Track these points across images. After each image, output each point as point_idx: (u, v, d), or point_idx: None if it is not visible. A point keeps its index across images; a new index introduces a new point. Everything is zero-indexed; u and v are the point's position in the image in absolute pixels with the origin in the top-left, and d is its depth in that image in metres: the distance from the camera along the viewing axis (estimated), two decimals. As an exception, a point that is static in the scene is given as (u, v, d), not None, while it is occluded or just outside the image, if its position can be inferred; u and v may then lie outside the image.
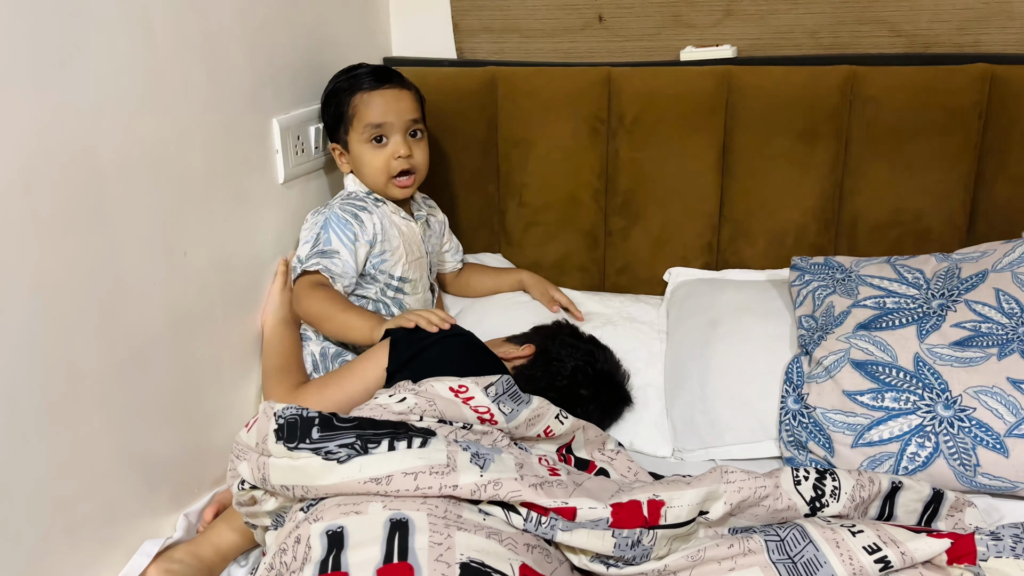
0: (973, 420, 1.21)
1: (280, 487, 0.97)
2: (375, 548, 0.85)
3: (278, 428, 0.98)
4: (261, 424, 1.00)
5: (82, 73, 1.00)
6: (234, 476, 1.04)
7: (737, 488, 1.02)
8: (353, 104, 1.45)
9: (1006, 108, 1.50)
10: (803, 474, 1.08)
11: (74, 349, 1.01)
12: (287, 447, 0.96)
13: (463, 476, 0.93)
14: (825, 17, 1.61)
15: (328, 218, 1.41)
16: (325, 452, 0.95)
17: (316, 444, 0.96)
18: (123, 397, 1.10)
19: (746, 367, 1.43)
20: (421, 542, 0.86)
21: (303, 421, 0.98)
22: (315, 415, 0.99)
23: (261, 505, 1.03)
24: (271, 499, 1.02)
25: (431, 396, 1.11)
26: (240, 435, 1.04)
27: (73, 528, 1.03)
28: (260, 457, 1.00)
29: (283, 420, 0.98)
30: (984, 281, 1.34)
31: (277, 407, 1.00)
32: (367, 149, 1.45)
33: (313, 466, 0.95)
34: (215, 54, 1.25)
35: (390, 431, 0.98)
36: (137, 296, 1.11)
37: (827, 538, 0.96)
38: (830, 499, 1.06)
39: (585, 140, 1.70)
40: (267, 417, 1.00)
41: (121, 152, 1.07)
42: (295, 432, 0.97)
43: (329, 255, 1.39)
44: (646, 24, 1.69)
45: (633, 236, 1.74)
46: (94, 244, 1.04)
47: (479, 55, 1.79)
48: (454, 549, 0.85)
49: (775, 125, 1.60)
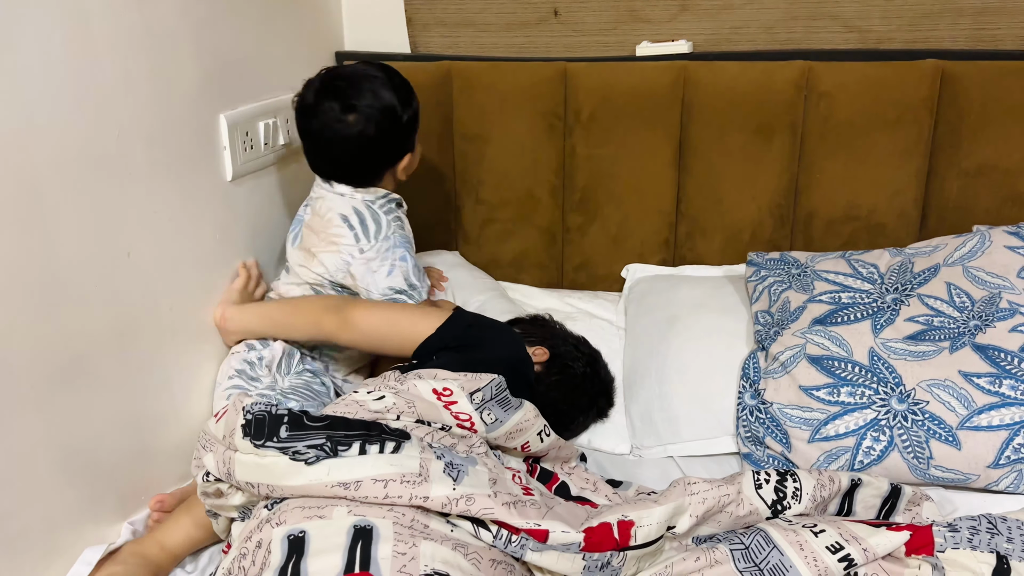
0: (926, 413, 1.22)
1: (245, 484, 0.94)
2: (336, 556, 0.83)
3: (245, 424, 0.94)
4: (230, 417, 0.97)
5: (13, 66, 0.96)
6: (199, 467, 1.01)
7: (701, 499, 1.02)
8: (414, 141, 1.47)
9: (956, 103, 1.52)
10: (764, 477, 1.08)
11: (9, 353, 0.97)
12: (254, 444, 0.93)
13: (435, 488, 0.90)
14: (779, 13, 1.62)
15: (397, 239, 1.42)
16: (293, 452, 0.92)
17: (284, 443, 0.93)
18: (64, 402, 1.06)
19: (704, 364, 1.43)
20: (384, 551, 0.83)
21: (272, 418, 0.95)
22: (284, 413, 0.96)
23: (227, 499, 1.00)
24: (238, 493, 0.99)
25: (411, 397, 1.08)
26: (208, 425, 1.01)
27: (12, 539, 0.99)
28: (227, 451, 0.96)
29: (251, 416, 0.95)
30: (936, 275, 1.35)
31: (247, 402, 0.97)
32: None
33: (280, 466, 0.92)
34: (157, 48, 1.21)
35: (362, 433, 0.95)
36: (77, 297, 1.07)
37: (791, 541, 0.96)
38: (792, 501, 1.06)
39: (542, 136, 1.69)
40: (235, 411, 0.96)
41: (58, 148, 1.03)
42: (263, 429, 0.94)
43: (420, 290, 1.41)
44: (602, 19, 1.68)
45: (591, 233, 1.73)
46: (29, 244, 0.99)
47: (433, 49, 1.77)
48: (418, 560, 0.83)
49: (731, 121, 1.61)
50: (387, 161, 1.43)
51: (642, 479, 1.31)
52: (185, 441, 1.30)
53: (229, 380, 1.33)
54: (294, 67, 1.56)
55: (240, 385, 1.32)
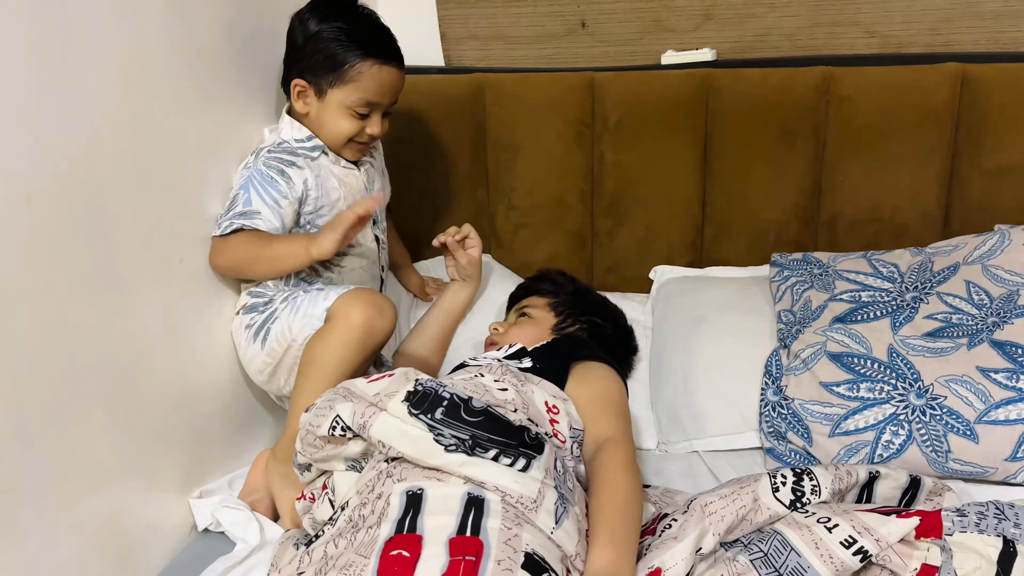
0: (944, 408, 1.25)
1: (377, 441, 1.01)
2: (450, 518, 0.92)
3: (413, 391, 1.03)
4: (394, 382, 1.06)
5: (79, 91, 1.05)
6: (323, 416, 1.07)
7: (720, 517, 1.03)
8: (357, 68, 1.34)
9: (977, 105, 1.54)
10: (780, 479, 1.08)
11: (77, 353, 1.06)
12: (410, 411, 1.01)
13: (540, 519, 0.96)
14: (801, 20, 1.66)
15: (250, 177, 1.33)
16: (437, 434, 1.00)
17: (434, 423, 1.00)
18: (126, 397, 1.15)
19: (728, 361, 1.47)
20: (494, 524, 0.92)
21: (435, 397, 1.03)
22: (447, 397, 1.03)
23: (346, 447, 1.07)
24: (359, 444, 1.06)
25: (528, 400, 1.14)
26: (356, 382, 1.10)
27: (81, 522, 1.08)
28: (370, 407, 1.03)
29: (420, 387, 1.04)
30: (956, 274, 1.38)
31: (421, 376, 1.06)
32: (345, 115, 1.36)
33: (421, 440, 0.99)
34: (206, 68, 1.30)
35: (503, 442, 1.01)
36: (136, 301, 1.16)
37: (806, 541, 0.98)
38: (811, 497, 1.07)
39: (571, 144, 1.75)
40: (405, 379, 1.06)
41: (118, 165, 1.12)
42: (423, 403, 1.02)
43: (250, 216, 1.30)
44: (628, 29, 1.74)
45: (619, 236, 1.79)
46: (94, 253, 1.09)
47: (466, 62, 1.84)
48: (521, 538, 0.91)
49: (755, 126, 1.65)
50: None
51: (668, 473, 1.37)
52: (234, 424, 1.39)
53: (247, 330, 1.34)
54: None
55: (255, 319, 1.34)
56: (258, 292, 1.36)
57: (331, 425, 1.06)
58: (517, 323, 1.48)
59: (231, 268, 1.34)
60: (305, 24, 1.37)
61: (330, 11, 1.36)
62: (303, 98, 1.38)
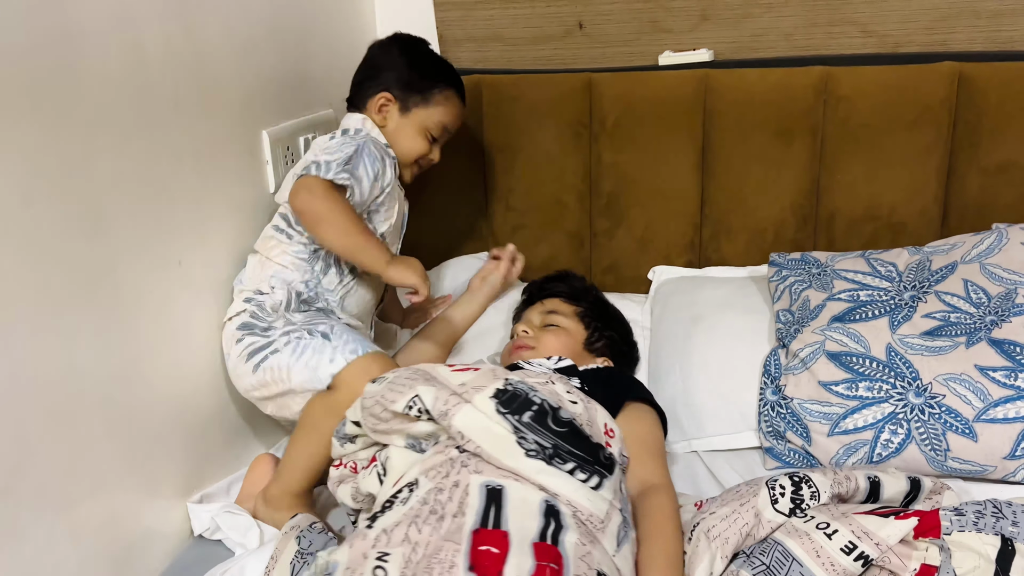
0: (943, 407, 1.25)
1: (457, 432, 1.01)
2: (532, 522, 0.92)
3: (502, 390, 1.03)
4: (481, 376, 1.07)
5: (77, 91, 1.05)
6: (399, 392, 1.07)
7: (724, 540, 1.04)
8: (444, 95, 1.48)
9: (974, 104, 1.54)
10: (779, 490, 1.07)
11: (75, 357, 1.06)
12: (498, 409, 1.01)
13: (605, 540, 0.97)
14: (798, 19, 1.66)
15: (364, 146, 1.37)
16: (520, 436, 1.00)
17: (520, 426, 1.00)
18: (124, 402, 1.15)
19: (727, 361, 1.47)
20: (571, 538, 0.91)
21: (524, 400, 1.03)
22: (538, 403, 1.03)
23: (413, 426, 1.07)
24: (429, 426, 1.06)
25: (591, 418, 1.13)
26: (438, 367, 1.12)
27: (80, 524, 1.08)
28: (454, 396, 1.03)
29: (511, 387, 1.04)
30: (953, 272, 1.39)
31: (511, 376, 1.07)
32: (421, 135, 1.47)
33: (503, 440, 0.99)
34: (204, 71, 1.30)
35: (581, 457, 1.01)
36: (134, 303, 1.16)
37: (807, 549, 0.98)
38: (811, 502, 1.07)
39: (568, 144, 1.75)
40: (493, 375, 1.07)
41: (116, 169, 1.12)
42: (512, 403, 1.02)
43: (357, 179, 1.34)
44: (625, 30, 1.74)
45: (618, 236, 1.79)
46: (92, 257, 1.09)
47: (464, 64, 1.84)
48: (593, 556, 0.91)
49: (752, 125, 1.65)
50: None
51: (668, 473, 1.37)
52: (232, 428, 1.39)
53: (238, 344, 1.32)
54: (331, 85, 1.64)
55: (253, 341, 1.31)
56: (258, 305, 1.33)
57: (408, 404, 1.06)
58: (549, 331, 1.46)
59: (314, 215, 1.30)
60: (388, 49, 1.50)
61: (412, 42, 1.52)
62: (384, 111, 1.46)
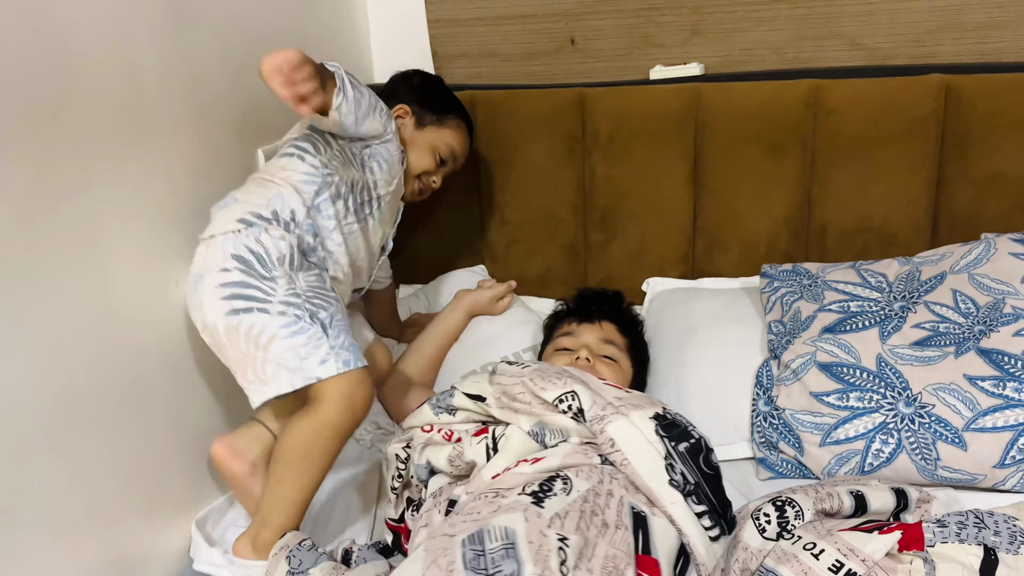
0: (933, 416, 1.27)
1: (608, 439, 1.07)
2: (671, 554, 0.97)
3: (662, 415, 1.08)
4: (636, 396, 1.14)
5: (75, 115, 1.07)
6: (552, 383, 1.13)
7: None
8: (457, 123, 1.57)
9: (962, 116, 1.56)
10: (764, 520, 1.09)
11: (76, 376, 1.08)
12: (658, 431, 1.06)
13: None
14: (788, 33, 1.68)
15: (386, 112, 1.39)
16: (670, 463, 1.04)
17: (672, 452, 1.05)
18: (124, 420, 1.16)
19: (720, 372, 1.49)
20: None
21: (683, 431, 1.08)
22: (696, 439, 1.07)
23: (551, 415, 1.11)
24: (571, 423, 1.11)
25: None
26: (591, 377, 1.19)
27: (79, 544, 1.09)
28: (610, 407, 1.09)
29: (670, 416, 1.09)
30: (943, 283, 1.40)
31: (668, 406, 1.11)
32: (430, 152, 1.53)
33: (653, 460, 1.04)
34: (200, 92, 1.32)
35: (713, 507, 1.04)
36: (132, 324, 1.18)
37: (796, 573, 0.99)
38: (796, 522, 1.09)
39: (562, 159, 1.77)
40: (650, 401, 1.13)
41: (114, 189, 1.14)
42: (672, 430, 1.07)
43: (355, 102, 1.32)
44: (616, 45, 1.76)
45: (612, 249, 1.80)
46: (91, 278, 1.10)
47: (457, 80, 1.86)
48: None
49: (744, 138, 1.67)
50: None
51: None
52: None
53: (223, 273, 1.20)
54: (326, 102, 1.66)
55: (246, 282, 1.19)
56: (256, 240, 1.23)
57: (560, 397, 1.11)
58: (605, 362, 1.42)
59: None
60: (410, 77, 1.61)
61: (432, 77, 1.63)
62: (400, 122, 1.50)
